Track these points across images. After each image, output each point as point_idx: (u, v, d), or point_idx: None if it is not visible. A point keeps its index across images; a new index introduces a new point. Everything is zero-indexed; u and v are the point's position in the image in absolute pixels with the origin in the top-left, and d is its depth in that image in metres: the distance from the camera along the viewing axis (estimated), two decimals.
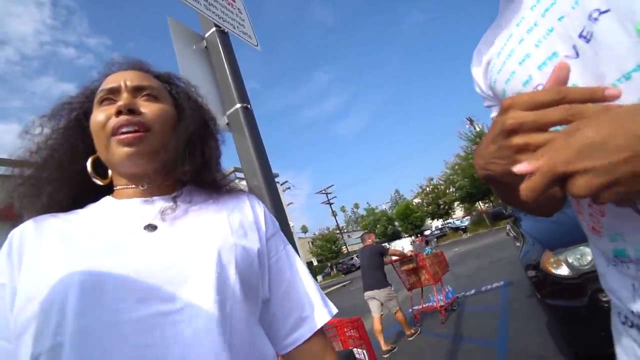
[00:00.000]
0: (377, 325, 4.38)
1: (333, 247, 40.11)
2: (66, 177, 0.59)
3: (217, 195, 0.65)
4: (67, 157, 0.59)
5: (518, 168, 0.34)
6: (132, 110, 0.56)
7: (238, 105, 1.51)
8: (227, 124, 1.52)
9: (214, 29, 1.76)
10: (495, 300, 4.79)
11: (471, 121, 23.19)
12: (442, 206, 28.47)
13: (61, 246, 0.48)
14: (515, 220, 3.26)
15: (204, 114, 0.69)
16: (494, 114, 0.66)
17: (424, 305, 5.19)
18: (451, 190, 25.08)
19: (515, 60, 0.53)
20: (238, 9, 2.05)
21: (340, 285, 18.57)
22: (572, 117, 0.33)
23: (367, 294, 4.62)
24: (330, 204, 44.17)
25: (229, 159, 0.78)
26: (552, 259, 2.01)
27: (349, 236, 59.28)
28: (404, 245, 5.61)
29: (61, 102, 0.63)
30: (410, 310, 5.22)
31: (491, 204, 22.36)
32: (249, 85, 1.71)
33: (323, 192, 44.13)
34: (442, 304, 4.86)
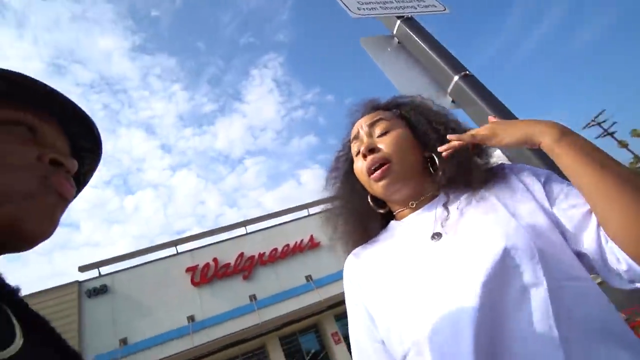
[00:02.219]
0: None
1: None
2: (359, 210, 0.75)
3: (478, 186, 0.65)
4: (357, 199, 0.76)
5: None
6: (371, 150, 0.68)
7: (456, 78, 1.38)
8: (453, 101, 1.41)
9: (398, 22, 1.73)
10: None
11: None
12: None
13: (382, 276, 0.64)
14: None
15: (437, 117, 0.74)
16: None
17: None
18: None
19: None
20: None
21: None
22: None
23: None
24: (611, 134, 33.08)
25: None
26: None
27: None
28: None
29: (336, 156, 0.82)
30: None
31: None
32: (454, 53, 1.55)
33: (593, 123, 33.73)
34: None
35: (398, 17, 1.72)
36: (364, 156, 0.68)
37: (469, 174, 0.66)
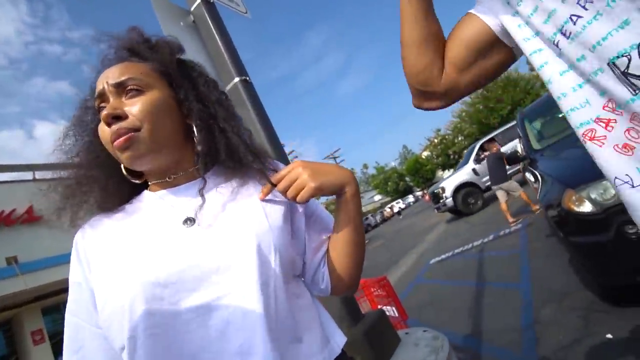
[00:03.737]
0: (504, 207, 6.18)
1: None
2: (108, 175, 0.63)
3: (244, 174, 0.65)
4: (102, 159, 0.63)
5: None
6: (117, 117, 0.56)
7: (237, 79, 1.45)
8: None
9: (198, 0, 1.66)
10: (514, 243, 4.84)
11: None
12: (452, 156, 28.21)
13: (118, 251, 0.55)
14: (532, 161, 3.19)
15: (205, 85, 0.67)
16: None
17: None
18: (460, 138, 24.72)
19: None
20: None
21: None
22: None
23: (494, 187, 6.42)
24: None
25: None
26: (573, 197, 1.97)
27: (362, 197, 59.74)
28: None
29: (83, 107, 0.65)
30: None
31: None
32: (241, 57, 1.64)
33: (331, 156, 43.96)
34: None
35: None
36: (108, 124, 0.56)
37: (233, 158, 0.64)
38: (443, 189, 9.43)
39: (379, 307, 2.55)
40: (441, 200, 9.51)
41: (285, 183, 0.61)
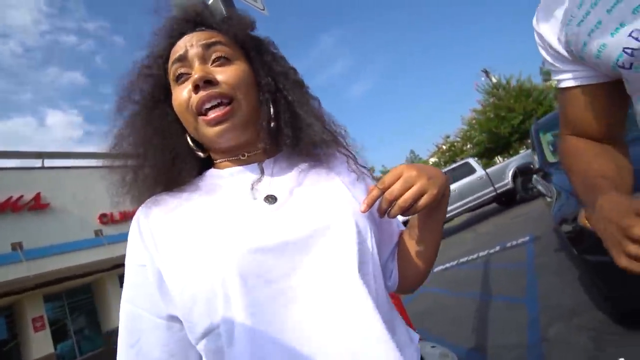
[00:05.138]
0: None
1: None
2: (168, 149, 0.57)
3: (325, 152, 0.61)
4: (162, 135, 0.57)
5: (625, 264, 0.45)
6: (208, 81, 0.52)
7: None
8: None
9: None
10: (521, 256, 4.75)
11: (487, 73, 22.11)
12: None
13: (197, 230, 0.50)
14: (546, 174, 3.12)
15: (279, 63, 0.63)
16: (557, 77, 0.62)
17: None
18: (468, 146, 24.53)
19: (602, 8, 0.48)
20: None
21: None
22: None
23: None
24: None
25: None
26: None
27: None
28: None
29: (139, 73, 0.59)
30: None
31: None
32: None
33: None
34: None
35: None
36: (196, 88, 0.52)
37: (301, 135, 0.59)
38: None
39: None
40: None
41: (400, 188, 0.50)
